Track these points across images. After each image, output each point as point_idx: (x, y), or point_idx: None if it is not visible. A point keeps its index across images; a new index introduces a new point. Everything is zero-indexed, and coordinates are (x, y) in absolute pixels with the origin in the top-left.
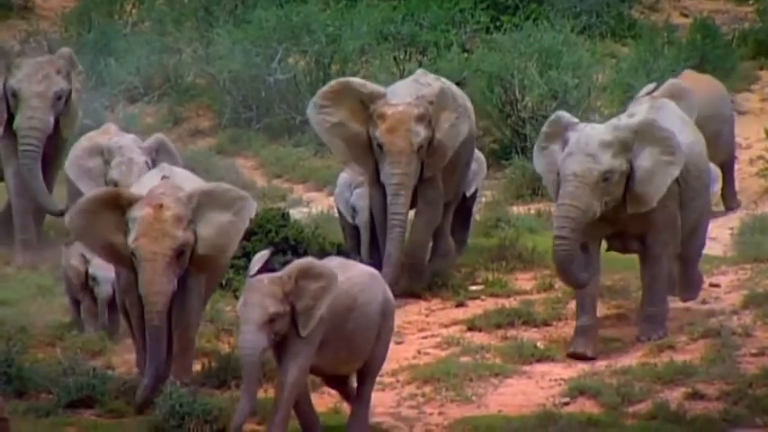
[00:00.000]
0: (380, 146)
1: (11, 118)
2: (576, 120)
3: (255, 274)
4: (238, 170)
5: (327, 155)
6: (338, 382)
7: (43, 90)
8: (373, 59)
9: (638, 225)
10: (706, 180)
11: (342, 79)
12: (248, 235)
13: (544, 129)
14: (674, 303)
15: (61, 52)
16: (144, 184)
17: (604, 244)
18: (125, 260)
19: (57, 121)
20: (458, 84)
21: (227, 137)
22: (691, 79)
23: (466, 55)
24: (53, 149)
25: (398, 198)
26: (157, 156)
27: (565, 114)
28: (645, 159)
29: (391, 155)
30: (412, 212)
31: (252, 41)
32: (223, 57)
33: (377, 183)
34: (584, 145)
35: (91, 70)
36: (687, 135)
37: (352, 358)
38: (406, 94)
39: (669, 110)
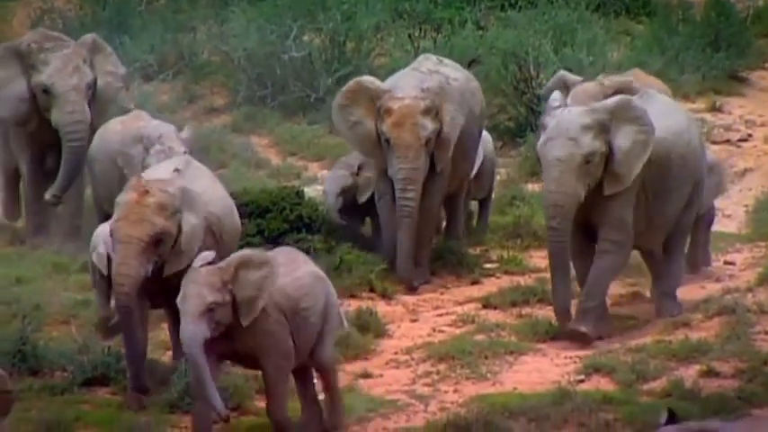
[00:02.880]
0: (388, 140)
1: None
2: (556, 103)
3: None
4: (253, 148)
5: None
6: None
7: (77, 82)
8: (388, 37)
9: (596, 215)
10: (692, 169)
11: (356, 79)
12: (263, 212)
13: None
14: (689, 282)
15: (83, 40)
16: (156, 171)
17: None
18: None
19: None
20: (471, 62)
21: (241, 115)
22: (637, 78)
23: (480, 32)
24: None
25: (407, 192)
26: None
27: (554, 96)
28: (623, 139)
29: (398, 149)
30: None
31: (267, 19)
32: (238, 34)
33: (386, 177)
34: (564, 129)
35: None
36: (674, 122)
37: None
38: (409, 86)
39: (658, 99)
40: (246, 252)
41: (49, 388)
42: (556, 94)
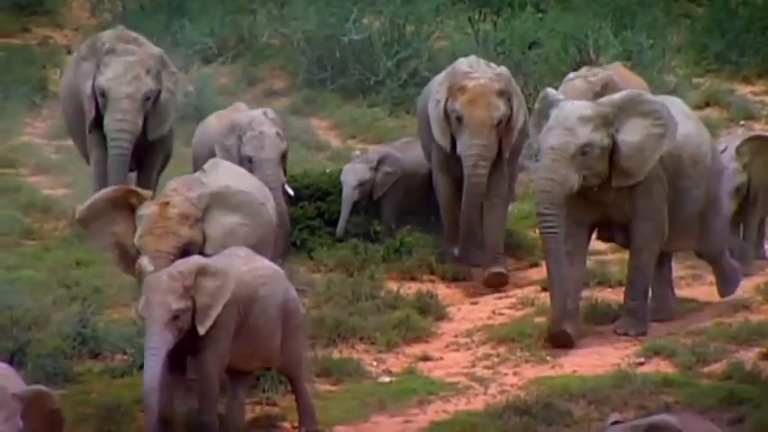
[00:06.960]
0: (459, 118)
1: (99, 115)
2: (561, 97)
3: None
4: (313, 131)
5: (402, 115)
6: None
7: (132, 92)
8: (448, 20)
9: (622, 212)
10: (702, 171)
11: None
12: (323, 195)
13: (536, 106)
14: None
15: (152, 52)
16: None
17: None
18: (133, 261)
19: (144, 122)
20: (531, 45)
21: (301, 97)
22: (619, 74)
23: (540, 15)
24: (142, 151)
25: (478, 168)
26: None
27: (552, 91)
28: (631, 133)
29: (471, 126)
30: None
31: (326, 2)
32: (298, 17)
33: (447, 161)
34: (562, 120)
35: (165, 31)
36: (685, 126)
37: (257, 353)
38: (482, 69)
39: (672, 103)
40: (204, 260)
41: (109, 371)
42: (551, 92)
